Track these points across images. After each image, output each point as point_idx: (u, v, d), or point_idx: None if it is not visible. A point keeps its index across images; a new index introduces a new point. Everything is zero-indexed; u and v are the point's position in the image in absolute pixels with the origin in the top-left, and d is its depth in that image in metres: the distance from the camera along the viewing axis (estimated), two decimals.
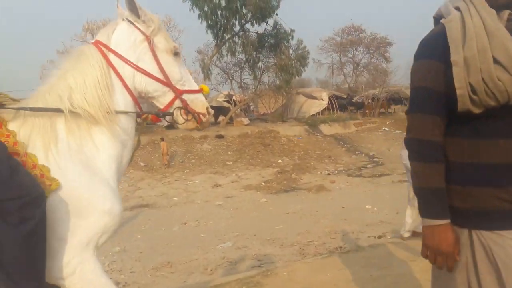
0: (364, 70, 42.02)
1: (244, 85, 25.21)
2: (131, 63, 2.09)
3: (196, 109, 2.21)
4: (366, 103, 30.96)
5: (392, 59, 38.17)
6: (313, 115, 27.59)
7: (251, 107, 32.57)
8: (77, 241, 1.93)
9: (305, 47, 22.49)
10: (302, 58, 22.18)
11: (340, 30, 41.01)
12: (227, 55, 22.21)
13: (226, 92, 25.33)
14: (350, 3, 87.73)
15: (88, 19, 23.12)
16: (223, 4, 19.85)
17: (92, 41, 2.13)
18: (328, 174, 13.99)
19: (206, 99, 2.32)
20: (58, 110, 1.97)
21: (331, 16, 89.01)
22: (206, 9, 19.66)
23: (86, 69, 2.04)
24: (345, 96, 33.39)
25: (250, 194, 11.32)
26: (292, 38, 22.02)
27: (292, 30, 21.85)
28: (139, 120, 2.28)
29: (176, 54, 2.19)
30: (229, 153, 16.73)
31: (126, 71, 2.10)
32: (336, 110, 29.36)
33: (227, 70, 24.50)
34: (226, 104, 24.84)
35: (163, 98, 2.18)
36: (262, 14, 20.10)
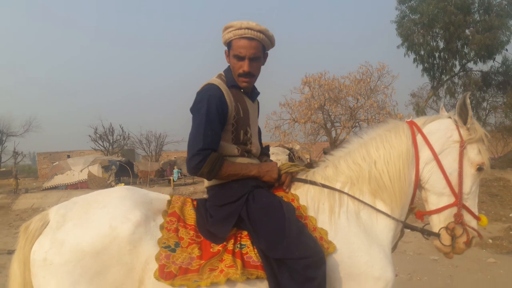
0: None
1: None
2: (433, 149, 2.17)
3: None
4: None
5: None
6: None
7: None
8: None
9: None
10: None
11: None
12: (445, 96, 20.82)
13: None
14: None
15: (307, 73, 25.21)
16: (441, 46, 18.91)
17: (408, 120, 2.33)
18: None
19: (478, 232, 2.24)
20: (345, 193, 2.12)
21: None
22: (422, 52, 19.07)
23: (393, 140, 2.18)
24: None
25: (473, 251, 9.93)
26: None
27: None
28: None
29: (479, 169, 2.21)
30: None
31: (424, 154, 2.19)
32: None
33: None
34: None
35: (438, 198, 2.18)
36: (488, 52, 18.23)
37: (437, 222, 2.18)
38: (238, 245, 2.06)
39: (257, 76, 2.34)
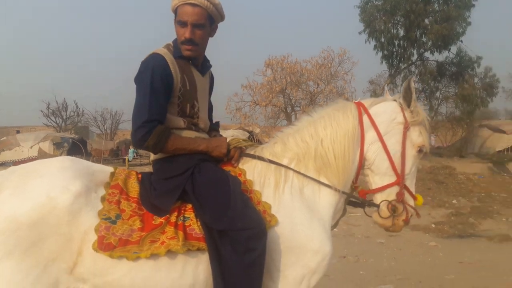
0: None
1: None
2: (378, 131, 2.25)
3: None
4: None
5: None
6: (499, 151, 24.17)
7: (432, 141, 30.39)
8: (292, 277, 2.07)
9: (494, 75, 20.15)
10: (490, 87, 19.90)
11: None
12: (401, 85, 21.33)
13: None
14: None
15: (270, 56, 25.16)
16: (401, 34, 19.36)
17: (356, 100, 2.39)
18: None
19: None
20: (291, 168, 2.18)
21: None
22: (383, 39, 19.46)
23: (340, 119, 2.25)
24: None
25: (417, 235, 10.45)
26: (479, 66, 20.00)
27: (479, 57, 19.85)
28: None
29: (420, 151, 2.29)
30: None
31: (369, 136, 2.26)
32: None
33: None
34: None
35: (382, 178, 2.25)
36: (444, 42, 18.85)
37: (380, 200, 2.26)
38: (181, 218, 2.06)
39: (203, 47, 2.27)
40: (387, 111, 2.29)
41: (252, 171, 2.20)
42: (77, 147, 26.33)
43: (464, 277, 6.65)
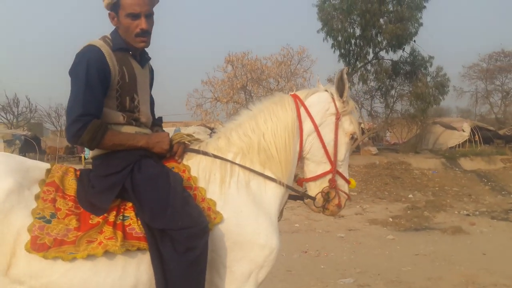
0: None
1: (374, 113, 24.42)
2: (314, 122, 2.31)
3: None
4: None
5: None
6: (451, 147, 25.29)
7: (386, 137, 31.31)
8: (239, 273, 2.05)
9: (445, 74, 20.98)
10: (441, 86, 20.68)
11: (487, 56, 37.14)
12: (358, 83, 21.89)
13: None
14: (499, 28, 79.62)
15: (230, 52, 25.07)
16: (358, 33, 19.75)
17: (291, 93, 2.43)
18: (468, 214, 12.55)
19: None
20: (236, 163, 2.18)
21: (475, 42, 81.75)
22: (340, 38, 19.78)
23: (279, 113, 2.28)
24: (491, 128, 29.88)
25: (375, 229, 10.74)
26: (431, 65, 20.75)
27: (431, 57, 20.60)
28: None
29: (352, 138, 2.39)
30: None
31: (306, 126, 2.31)
32: (480, 143, 26.42)
33: (357, 98, 24.09)
34: None
35: (317, 166, 2.32)
36: (398, 42, 19.43)
37: (314, 187, 2.31)
38: (121, 217, 1.99)
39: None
40: (320, 102, 2.35)
41: (197, 167, 2.16)
42: (30, 145, 25.13)
43: (420, 268, 6.90)
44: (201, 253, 1.91)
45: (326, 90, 2.39)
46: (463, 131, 26.52)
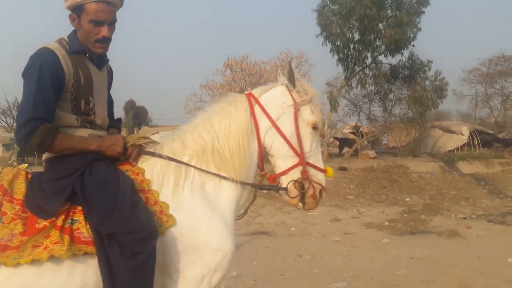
0: None
1: (372, 117, 24.44)
2: (270, 118, 2.27)
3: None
4: None
5: None
6: (450, 150, 25.29)
7: (384, 140, 31.27)
8: (191, 277, 2.02)
9: (443, 78, 21.02)
10: (440, 90, 20.72)
11: (487, 60, 37.18)
12: (356, 87, 21.94)
13: (353, 124, 24.86)
14: (500, 32, 79.83)
15: (229, 56, 25.14)
16: (356, 37, 19.81)
17: (246, 92, 2.40)
18: (464, 218, 12.53)
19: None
20: (192, 166, 2.15)
21: (475, 46, 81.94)
22: (338, 43, 19.83)
23: (233, 114, 2.24)
24: (490, 132, 29.86)
25: (371, 232, 10.71)
26: (429, 69, 20.80)
27: (430, 61, 20.69)
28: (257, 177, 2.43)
29: (314, 128, 2.32)
30: (351, 186, 16.18)
31: (262, 124, 2.27)
32: (479, 146, 26.40)
33: (355, 101, 24.12)
34: (351, 136, 24.31)
35: (285, 161, 2.28)
36: (396, 46, 19.48)
37: (286, 182, 2.28)
38: (69, 221, 1.96)
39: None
40: (276, 96, 2.32)
41: (151, 170, 2.13)
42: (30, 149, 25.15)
43: (414, 272, 6.87)
44: (148, 257, 1.89)
45: (283, 84, 2.36)
46: (462, 134, 26.51)
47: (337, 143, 27.13)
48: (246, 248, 8.86)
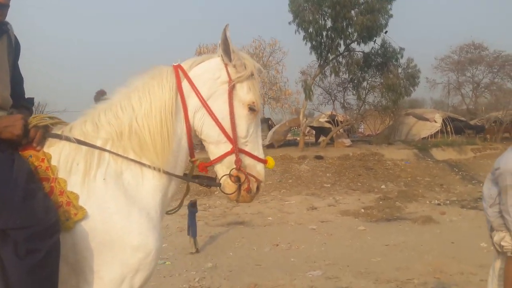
0: (486, 90, 38.21)
1: (347, 105, 24.55)
2: (200, 95, 1.94)
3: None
4: (487, 126, 27.94)
5: None
6: (424, 138, 25.68)
7: (360, 128, 31.51)
8: (109, 279, 1.76)
9: (415, 65, 21.21)
10: (412, 78, 20.91)
11: (458, 48, 37.91)
12: (330, 75, 21.93)
13: (329, 113, 24.92)
14: (469, 19, 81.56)
15: (201, 44, 24.72)
16: (329, 25, 19.72)
17: (175, 63, 2.02)
18: (438, 204, 12.73)
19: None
20: (107, 150, 1.84)
21: (446, 34, 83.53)
22: (311, 30, 19.70)
23: (155, 90, 1.91)
24: (462, 119, 30.52)
25: (347, 220, 10.74)
26: (402, 57, 20.96)
27: (402, 49, 20.82)
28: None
29: (251, 109, 1.98)
30: (327, 175, 16.23)
31: (192, 103, 1.95)
32: (452, 133, 26.94)
33: (330, 90, 24.14)
34: (327, 125, 24.38)
35: (217, 147, 1.97)
36: (369, 33, 19.50)
37: (221, 172, 1.97)
38: None
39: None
40: (209, 70, 1.98)
41: (58, 155, 1.84)
42: None
43: (389, 258, 6.89)
44: (47, 256, 1.63)
45: (219, 56, 2.02)
46: (435, 122, 26.97)
47: (313, 132, 27.21)
48: (222, 239, 8.74)
